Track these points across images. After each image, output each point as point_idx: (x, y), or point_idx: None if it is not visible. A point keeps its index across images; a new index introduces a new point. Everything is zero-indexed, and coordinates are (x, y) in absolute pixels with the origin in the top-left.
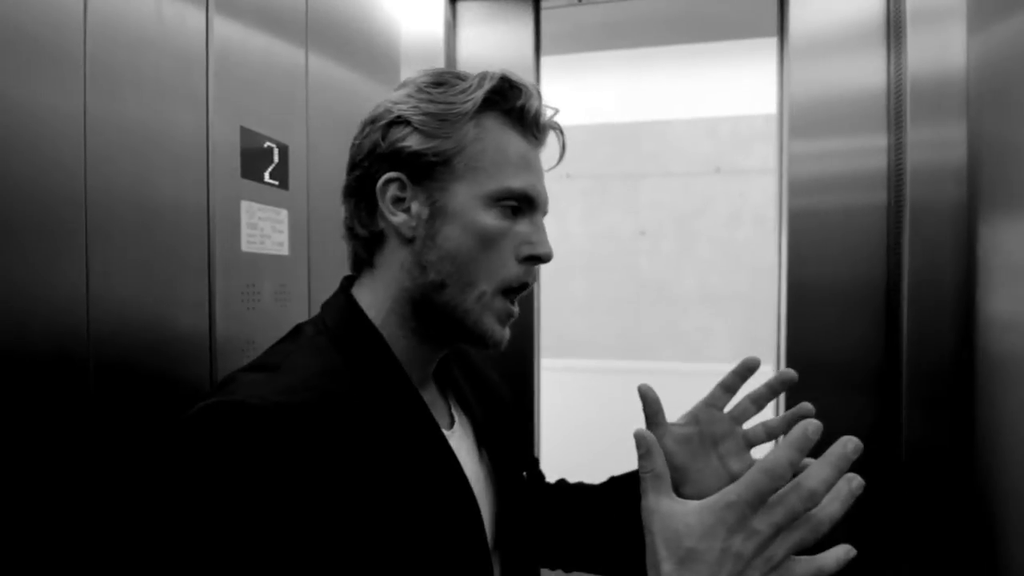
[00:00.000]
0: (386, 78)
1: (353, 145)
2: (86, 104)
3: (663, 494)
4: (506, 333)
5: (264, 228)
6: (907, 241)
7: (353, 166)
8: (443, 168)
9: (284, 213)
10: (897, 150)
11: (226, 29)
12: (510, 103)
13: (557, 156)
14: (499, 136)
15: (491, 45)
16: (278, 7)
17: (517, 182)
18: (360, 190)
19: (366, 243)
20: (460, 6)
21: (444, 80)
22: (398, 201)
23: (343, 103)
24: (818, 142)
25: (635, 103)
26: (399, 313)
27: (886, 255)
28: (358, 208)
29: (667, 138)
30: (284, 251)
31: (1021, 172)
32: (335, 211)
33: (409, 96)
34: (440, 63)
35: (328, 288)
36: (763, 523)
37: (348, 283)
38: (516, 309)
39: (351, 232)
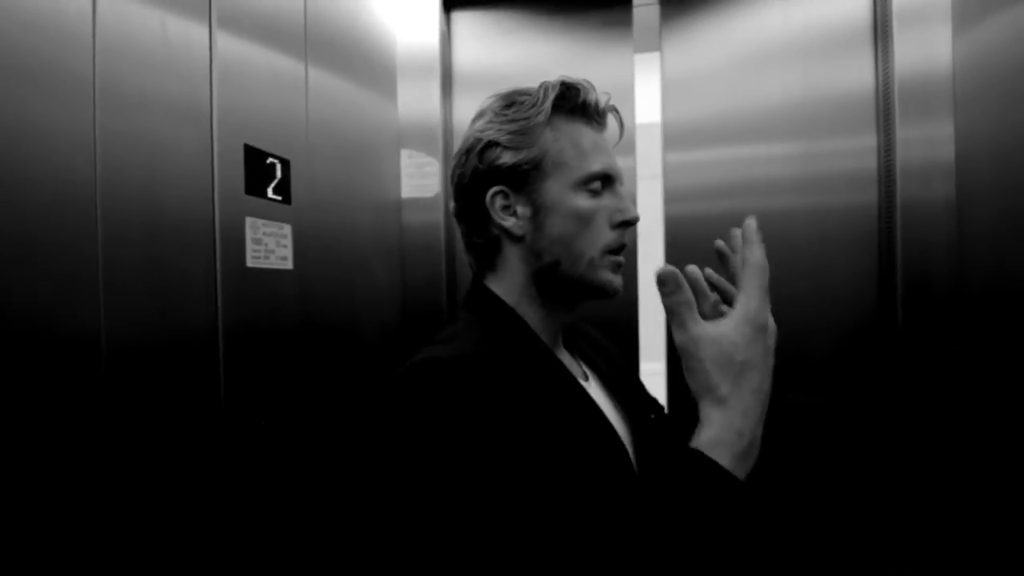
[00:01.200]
0: (383, 89)
1: (455, 175)
2: (96, 123)
3: (698, 323)
4: (619, 279)
5: (268, 243)
6: (899, 238)
7: (459, 191)
8: (535, 172)
9: (287, 228)
10: (887, 149)
11: (229, 45)
12: (572, 102)
13: (618, 134)
14: (571, 132)
15: (487, 55)
16: (278, 22)
17: (595, 165)
18: (470, 209)
19: (484, 250)
20: (455, 16)
21: (513, 100)
22: (505, 208)
23: (342, 114)
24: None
25: None
26: (528, 294)
27: (877, 253)
28: (472, 224)
29: None
30: (288, 265)
31: (1010, 167)
32: (338, 223)
33: (490, 123)
34: (436, 73)
35: (336, 298)
36: (768, 309)
37: (479, 281)
38: (621, 258)
39: (470, 244)
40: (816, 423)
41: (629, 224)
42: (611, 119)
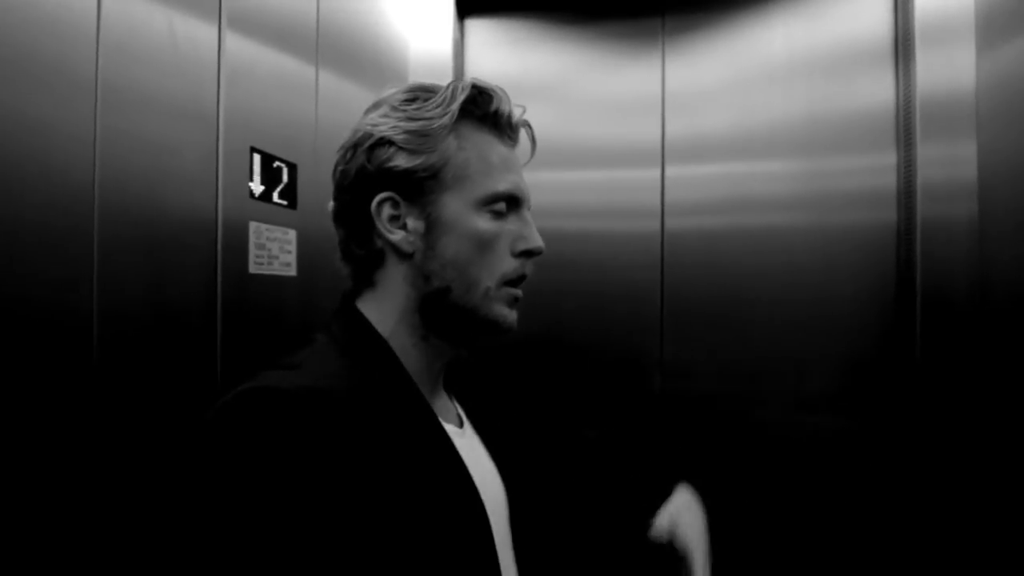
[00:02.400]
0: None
1: (337, 171)
2: (96, 121)
3: None
4: (514, 315)
5: (272, 249)
6: (919, 259)
7: (341, 191)
8: (432, 182)
9: (292, 233)
10: (907, 168)
11: (238, 46)
12: (483, 109)
13: (529, 152)
14: (479, 143)
15: (501, 63)
16: (290, 24)
17: (502, 184)
18: (351, 213)
19: (364, 263)
20: (468, 24)
21: (416, 95)
22: (393, 219)
23: (352, 120)
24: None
25: None
26: (408, 323)
27: (895, 273)
28: (352, 231)
29: None
30: (292, 272)
31: None
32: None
33: (386, 116)
34: (448, 78)
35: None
36: None
37: (350, 299)
38: (519, 292)
39: (347, 254)
40: (821, 451)
41: (532, 254)
42: (524, 135)
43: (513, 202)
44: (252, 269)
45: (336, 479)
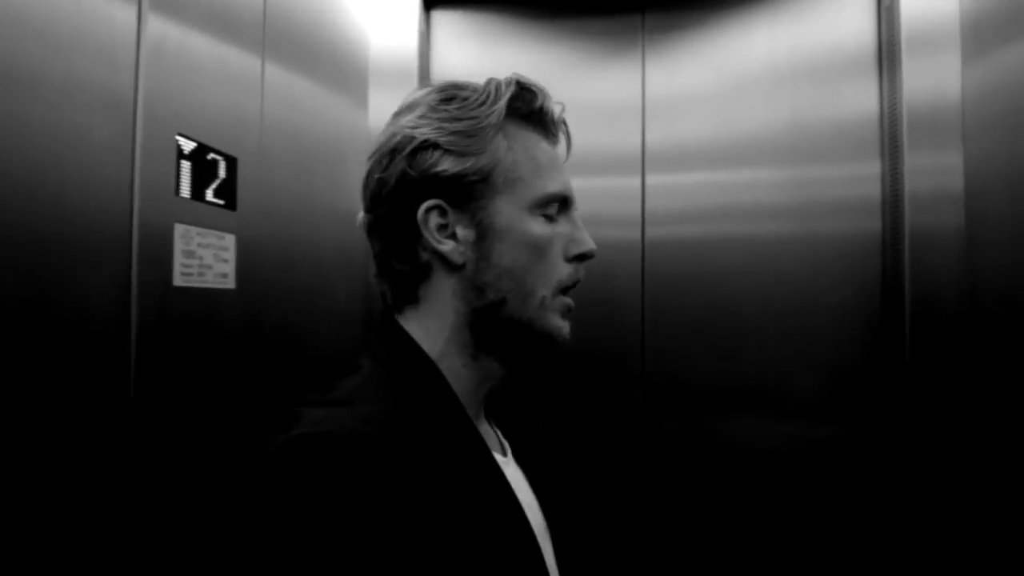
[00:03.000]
0: (353, 93)
1: (372, 179)
2: None
3: None
4: (568, 326)
5: (204, 257)
6: (908, 267)
7: (377, 201)
8: (482, 186)
9: (230, 239)
10: (893, 177)
11: (163, 28)
12: (528, 107)
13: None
14: (526, 142)
15: (471, 60)
16: (230, 11)
17: (554, 185)
18: (392, 224)
19: (407, 278)
20: (435, 16)
21: (453, 95)
22: (442, 228)
23: (304, 117)
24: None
25: None
26: (458, 342)
27: (881, 281)
28: (391, 243)
29: None
30: (229, 284)
31: (1021, 196)
32: (295, 236)
33: (424, 118)
34: (413, 78)
35: (289, 324)
36: None
37: (390, 317)
38: (571, 302)
39: (386, 269)
40: (807, 463)
41: (586, 257)
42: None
43: (564, 203)
44: (178, 281)
45: (399, 529)
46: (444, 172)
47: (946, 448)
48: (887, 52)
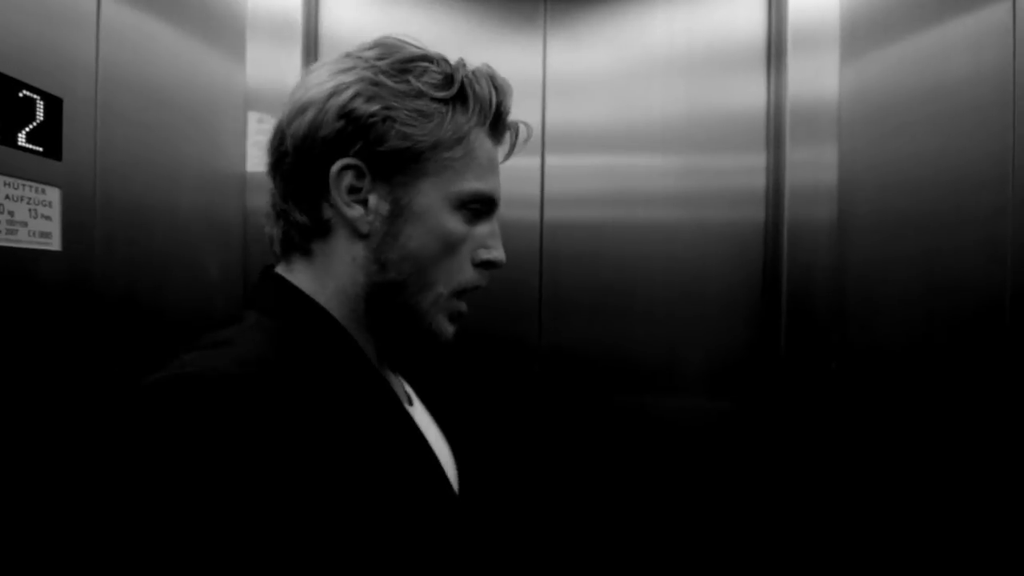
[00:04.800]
0: (225, 44)
1: (290, 121)
2: None
3: None
4: (451, 330)
5: (16, 212)
6: (785, 257)
7: (296, 145)
8: (414, 164)
9: (54, 193)
10: (776, 169)
11: None
12: (486, 100)
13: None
14: (472, 134)
15: (365, 22)
16: None
17: (485, 185)
18: (299, 172)
19: (303, 229)
20: None
21: (410, 67)
22: (353, 191)
23: (163, 66)
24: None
25: None
26: (350, 308)
27: (762, 268)
28: (295, 190)
29: None
30: (52, 245)
31: (886, 195)
32: (147, 196)
33: (368, 80)
34: (298, 37)
35: (140, 295)
36: None
37: (273, 269)
38: (464, 307)
39: (283, 216)
40: (692, 434)
41: (493, 266)
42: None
43: (488, 206)
44: None
45: (277, 479)
46: (378, 138)
47: (817, 427)
48: (775, 47)
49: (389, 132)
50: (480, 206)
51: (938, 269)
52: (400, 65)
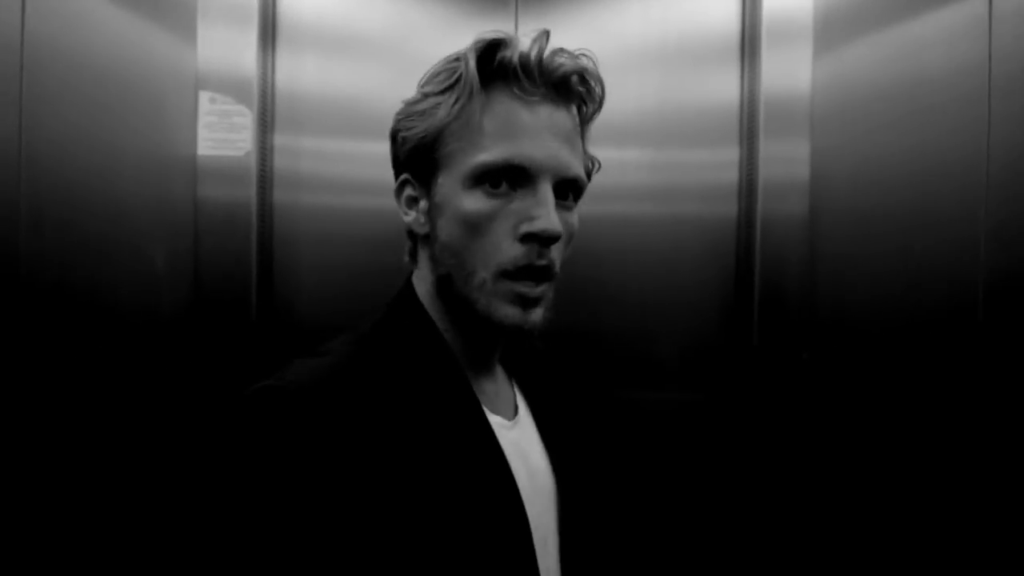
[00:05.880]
0: (176, 25)
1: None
2: None
3: None
4: (530, 315)
5: None
6: (758, 252)
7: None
8: (429, 162)
9: None
10: (749, 164)
11: None
12: (474, 64)
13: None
14: (470, 108)
15: (321, 4)
16: None
17: (491, 154)
18: (396, 191)
19: (408, 238)
20: None
21: (425, 77)
22: (411, 201)
23: (101, 44)
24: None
25: None
26: (436, 308)
27: (735, 263)
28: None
29: None
30: None
31: (858, 190)
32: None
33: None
34: (253, 15)
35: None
36: None
37: (408, 274)
38: (533, 289)
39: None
40: (665, 425)
41: (538, 238)
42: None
43: (517, 174)
44: None
45: (342, 479)
46: (403, 145)
47: (789, 418)
48: (749, 41)
49: (403, 141)
50: (500, 176)
51: (911, 264)
52: (423, 79)
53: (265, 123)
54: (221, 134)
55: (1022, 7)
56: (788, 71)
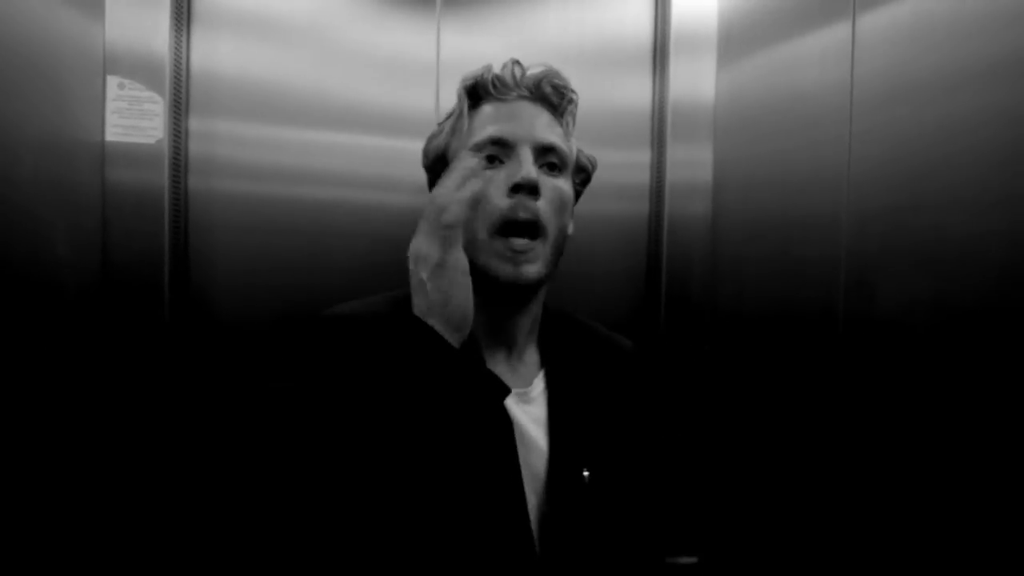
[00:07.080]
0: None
1: None
2: None
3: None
4: (520, 271)
5: None
6: (665, 248)
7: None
8: (443, 160)
9: None
10: (659, 166)
11: None
12: (465, 87)
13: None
14: (466, 118)
15: None
16: None
17: (480, 136)
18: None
19: None
20: None
21: (450, 110)
22: None
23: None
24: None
25: None
26: None
27: (646, 258)
28: None
29: None
30: None
31: (750, 195)
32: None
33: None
34: None
35: None
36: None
37: None
38: (520, 242)
39: None
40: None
41: (519, 187)
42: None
43: (500, 146)
44: None
45: (346, 389)
46: (427, 158)
47: (689, 399)
48: (660, 48)
49: (425, 154)
50: (491, 151)
51: (789, 268)
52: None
53: (179, 107)
54: (131, 120)
55: (880, 35)
56: (694, 80)
